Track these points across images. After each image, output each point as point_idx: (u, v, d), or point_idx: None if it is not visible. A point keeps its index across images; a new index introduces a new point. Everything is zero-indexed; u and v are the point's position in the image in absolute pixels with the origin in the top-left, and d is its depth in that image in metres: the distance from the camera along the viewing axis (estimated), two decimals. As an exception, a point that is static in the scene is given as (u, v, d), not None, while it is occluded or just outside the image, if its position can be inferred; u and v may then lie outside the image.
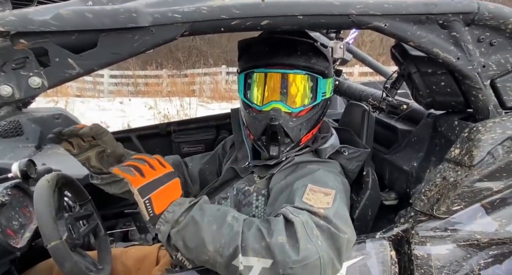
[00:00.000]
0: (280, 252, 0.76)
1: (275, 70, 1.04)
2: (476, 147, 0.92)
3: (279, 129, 1.03)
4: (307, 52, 1.04)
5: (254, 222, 0.83)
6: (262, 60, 1.05)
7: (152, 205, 0.83)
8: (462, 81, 0.99)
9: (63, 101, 7.29)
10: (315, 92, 1.07)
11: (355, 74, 9.50)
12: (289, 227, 0.80)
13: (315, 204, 0.86)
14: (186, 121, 2.36)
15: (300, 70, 1.04)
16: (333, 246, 0.80)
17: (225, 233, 0.79)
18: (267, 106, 1.05)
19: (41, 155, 1.73)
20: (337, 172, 1.06)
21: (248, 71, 1.08)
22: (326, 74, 1.07)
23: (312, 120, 1.09)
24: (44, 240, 0.94)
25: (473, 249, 0.92)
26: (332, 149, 1.11)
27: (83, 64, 0.76)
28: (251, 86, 1.08)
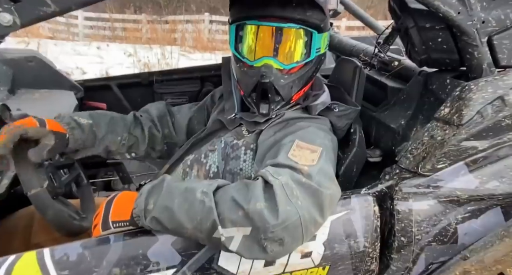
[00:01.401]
0: (259, 218, 0.75)
1: (268, 23, 0.98)
2: (466, 106, 0.92)
3: (269, 87, 0.99)
4: (303, 4, 0.97)
5: (228, 192, 0.81)
6: (255, 11, 0.98)
7: (120, 221, 0.85)
8: (459, 38, 0.96)
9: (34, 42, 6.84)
10: (309, 47, 1.02)
11: (342, 27, 9.26)
12: (267, 190, 0.79)
13: (300, 161, 0.85)
14: (169, 71, 2.27)
15: (294, 24, 0.98)
16: (315, 203, 0.80)
17: (198, 210, 0.78)
18: (258, 62, 1.00)
19: (15, 100, 1.64)
20: (326, 129, 1.05)
21: (239, 22, 1.02)
22: (321, 28, 1.02)
23: (304, 77, 1.05)
24: (24, 188, 0.91)
25: (452, 205, 0.96)
26: (323, 106, 1.09)
27: (59, 2, 0.68)
28: (243, 39, 1.03)
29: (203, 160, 1.11)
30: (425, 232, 0.96)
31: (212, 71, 2.15)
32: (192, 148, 1.19)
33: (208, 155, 1.11)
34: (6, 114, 1.17)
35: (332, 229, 0.93)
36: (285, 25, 0.97)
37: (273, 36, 0.99)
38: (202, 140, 1.19)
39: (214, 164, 1.09)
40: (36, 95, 1.71)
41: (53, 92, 1.76)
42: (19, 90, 1.72)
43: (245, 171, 1.06)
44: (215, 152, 1.10)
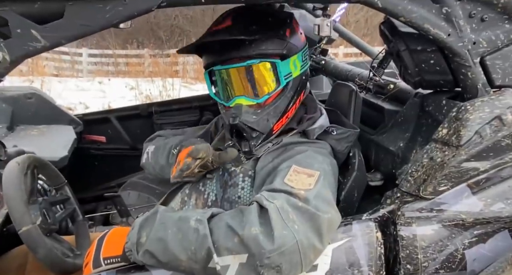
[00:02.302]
0: (255, 244, 0.73)
1: (229, 65, 1.01)
2: (464, 127, 0.91)
3: (241, 126, 1.00)
4: (257, 40, 0.99)
5: (223, 219, 0.79)
6: (217, 56, 1.03)
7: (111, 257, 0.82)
8: (451, 59, 0.96)
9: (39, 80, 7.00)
10: (276, 76, 1.02)
11: (340, 55, 9.45)
12: (263, 215, 0.77)
13: (296, 186, 0.83)
14: (168, 102, 2.30)
15: (253, 60, 0.99)
16: (313, 227, 0.77)
17: (192, 239, 0.76)
18: (232, 102, 1.03)
19: (13, 137, 1.65)
20: (326, 152, 1.04)
21: (209, 69, 1.06)
22: (284, 54, 1.02)
23: (281, 105, 1.05)
24: (15, 225, 0.90)
25: (458, 229, 0.92)
26: (320, 130, 1.08)
27: (49, 37, 0.69)
28: (217, 83, 1.07)
29: (201, 189, 1.10)
30: (432, 259, 0.91)
31: (211, 100, 2.16)
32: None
33: (206, 183, 1.10)
34: (1, 151, 1.17)
35: (334, 258, 0.89)
36: (244, 64, 0.99)
37: (237, 76, 1.01)
38: None
39: (212, 193, 1.07)
40: (35, 131, 1.72)
41: (51, 127, 1.78)
42: (17, 127, 1.74)
43: (244, 199, 1.03)
44: (213, 180, 1.09)
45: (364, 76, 1.59)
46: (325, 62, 2.04)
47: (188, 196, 1.11)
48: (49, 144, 1.60)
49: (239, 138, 1.05)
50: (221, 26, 1.03)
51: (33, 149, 1.39)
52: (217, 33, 1.02)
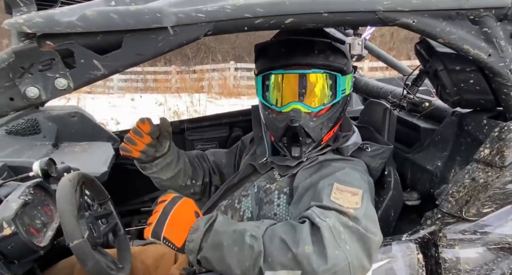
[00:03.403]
0: (308, 263, 0.74)
1: (292, 70, 1.03)
2: (508, 147, 0.89)
3: (299, 130, 1.02)
4: (324, 51, 1.03)
5: (276, 233, 0.81)
6: (279, 61, 1.04)
7: (170, 241, 0.85)
8: (492, 79, 0.96)
9: (75, 98, 7.34)
10: (334, 90, 1.05)
11: (365, 69, 9.39)
12: (315, 233, 0.78)
13: (344, 204, 0.85)
14: (199, 118, 2.36)
15: (318, 69, 1.03)
16: (363, 248, 0.79)
17: (248, 255, 0.79)
18: (286, 107, 1.04)
19: (59, 153, 1.74)
20: (362, 170, 1.05)
21: (265, 73, 1.07)
22: (344, 70, 1.06)
23: (333, 118, 1.08)
24: (67, 238, 0.94)
25: (504, 253, 0.90)
26: (354, 146, 1.09)
27: (108, 65, 0.75)
28: (269, 87, 1.08)
29: (237, 206, 1.12)
30: (477, 283, 0.89)
31: (240, 116, 2.21)
32: (225, 194, 1.21)
33: (242, 201, 1.12)
34: (52, 168, 1.24)
35: (374, 280, 0.89)
36: (309, 71, 1.02)
37: (299, 82, 1.03)
38: (235, 186, 1.20)
39: (248, 210, 1.09)
40: (77, 148, 1.81)
41: (92, 144, 1.86)
42: (61, 144, 1.83)
43: (279, 216, 1.05)
44: (249, 197, 1.11)
45: (397, 93, 1.59)
46: (355, 79, 2.05)
47: (224, 213, 1.13)
48: (91, 160, 1.68)
49: (290, 142, 1.06)
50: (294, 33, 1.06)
51: (77, 165, 1.46)
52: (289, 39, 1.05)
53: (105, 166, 1.66)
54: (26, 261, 1.03)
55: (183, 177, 1.26)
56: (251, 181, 1.15)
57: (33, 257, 1.02)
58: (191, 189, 1.30)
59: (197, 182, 1.30)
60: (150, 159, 1.18)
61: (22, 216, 1.02)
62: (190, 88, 9.18)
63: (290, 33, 1.06)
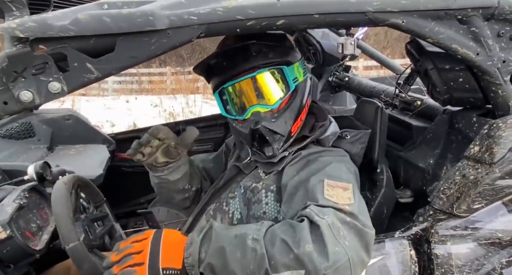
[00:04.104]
0: (310, 261, 0.75)
1: (240, 78, 1.05)
2: (496, 144, 0.91)
3: (263, 130, 1.04)
4: (261, 50, 1.05)
5: (276, 235, 0.81)
6: (226, 74, 1.07)
7: (170, 268, 0.82)
8: (481, 77, 0.97)
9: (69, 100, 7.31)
10: (285, 82, 1.07)
11: (360, 68, 9.43)
12: (314, 231, 0.79)
13: (338, 201, 0.86)
14: (194, 120, 2.37)
15: (262, 69, 1.05)
16: (361, 243, 0.80)
17: (251, 258, 0.79)
18: (247, 113, 1.06)
19: (53, 156, 1.74)
20: (347, 160, 1.07)
21: (219, 89, 1.10)
22: (289, 61, 1.08)
23: (294, 108, 1.09)
24: (63, 241, 0.94)
25: (494, 248, 0.91)
26: (334, 136, 1.11)
27: (101, 68, 0.75)
28: (228, 101, 1.11)
29: (225, 208, 1.12)
30: (469, 278, 0.91)
31: None
32: (212, 197, 1.21)
33: (230, 202, 1.12)
34: (47, 171, 1.24)
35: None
36: (255, 73, 1.05)
37: (250, 86, 1.06)
38: (221, 188, 1.21)
39: (237, 211, 1.10)
40: (72, 151, 1.81)
41: (87, 147, 1.86)
42: (56, 147, 1.83)
43: (269, 214, 1.06)
44: (236, 198, 1.11)
45: (389, 92, 1.61)
46: (349, 78, 2.07)
47: (213, 217, 1.14)
48: (86, 163, 1.68)
49: (261, 145, 1.08)
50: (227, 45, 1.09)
51: (72, 168, 1.46)
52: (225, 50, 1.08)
53: (101, 168, 1.66)
54: (22, 264, 1.03)
55: (185, 180, 1.27)
56: (237, 182, 1.16)
57: (28, 260, 1.03)
58: (186, 194, 1.30)
59: (192, 187, 1.30)
60: (163, 165, 1.18)
61: (17, 220, 1.02)
62: (185, 89, 9.17)
63: (226, 45, 1.09)
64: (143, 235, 0.87)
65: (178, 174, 1.22)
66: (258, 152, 1.11)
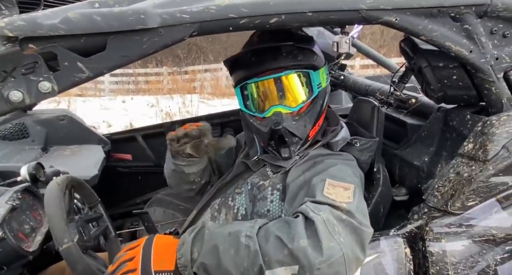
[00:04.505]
0: (304, 256, 0.75)
1: (266, 76, 1.06)
2: (490, 141, 0.91)
3: (284, 131, 1.04)
4: (292, 52, 1.05)
5: (271, 231, 0.81)
6: (252, 70, 1.07)
7: (163, 271, 0.82)
8: (474, 75, 0.97)
9: (65, 101, 7.27)
10: (310, 86, 1.08)
11: (356, 67, 9.45)
12: (309, 226, 0.79)
13: (337, 198, 0.86)
14: (190, 119, 2.36)
15: (289, 70, 1.06)
16: (356, 240, 0.80)
17: (244, 255, 0.78)
18: (268, 112, 1.07)
19: (48, 157, 1.73)
20: (354, 164, 1.07)
21: (242, 84, 1.11)
22: (316, 66, 1.09)
23: (314, 113, 1.10)
24: (56, 243, 0.93)
25: (489, 245, 0.92)
26: (344, 142, 1.12)
27: (93, 68, 0.75)
28: (249, 97, 1.11)
29: (231, 203, 1.13)
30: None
31: (232, 116, 2.22)
32: (218, 192, 1.22)
33: (236, 198, 1.13)
34: (40, 172, 1.24)
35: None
36: (282, 74, 1.05)
37: (275, 86, 1.07)
38: (228, 183, 1.21)
39: (242, 207, 1.10)
40: (67, 151, 1.80)
41: (82, 147, 1.85)
42: (51, 148, 1.82)
43: (273, 212, 1.06)
44: (242, 194, 1.12)
45: (384, 90, 1.61)
46: (344, 77, 2.07)
47: (218, 211, 1.14)
48: (81, 164, 1.67)
49: (278, 145, 1.09)
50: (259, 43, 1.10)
51: (66, 168, 1.45)
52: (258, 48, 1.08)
53: (96, 169, 1.65)
54: (15, 266, 1.02)
55: (198, 174, 1.28)
56: (244, 179, 1.17)
57: (22, 262, 1.02)
58: (194, 186, 1.31)
59: (202, 180, 1.31)
60: (187, 156, 1.19)
61: (10, 221, 1.01)
62: (182, 89, 9.16)
63: (257, 42, 1.10)
64: (136, 242, 0.88)
65: (194, 169, 1.23)
66: (274, 152, 1.12)
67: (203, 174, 1.31)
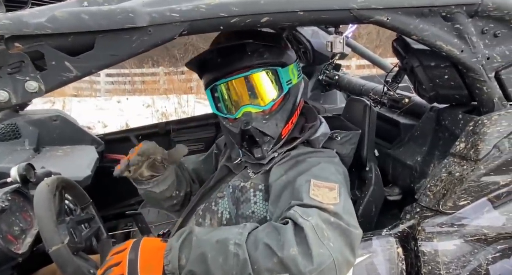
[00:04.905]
0: (294, 265, 0.75)
1: (233, 76, 1.04)
2: (481, 141, 0.91)
3: (254, 131, 1.03)
4: (257, 49, 1.04)
5: (260, 238, 0.80)
6: (219, 71, 1.06)
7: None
8: (466, 74, 0.97)
9: (60, 101, 7.24)
10: (279, 83, 1.06)
11: (352, 67, 9.47)
12: (298, 233, 0.78)
13: (323, 200, 0.85)
14: (185, 119, 2.35)
15: (256, 69, 1.04)
16: (346, 242, 0.80)
17: (233, 264, 0.78)
18: (238, 113, 1.05)
19: (40, 158, 1.71)
20: (337, 161, 1.06)
21: (211, 86, 1.09)
22: (284, 62, 1.07)
23: (286, 111, 1.08)
24: (46, 244, 0.92)
25: (480, 244, 0.92)
26: (325, 137, 1.10)
27: (80, 67, 0.74)
28: (219, 99, 1.10)
29: (214, 208, 1.12)
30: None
31: None
32: (202, 197, 1.21)
33: (219, 202, 1.11)
34: (31, 173, 1.22)
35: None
36: (249, 73, 1.04)
37: (242, 86, 1.05)
38: (211, 188, 1.20)
39: (225, 211, 1.09)
40: (60, 152, 1.78)
41: (75, 148, 1.84)
42: (43, 148, 1.80)
43: (257, 213, 1.05)
44: (225, 198, 1.11)
45: (378, 90, 1.61)
46: (339, 77, 2.07)
47: (203, 217, 1.13)
48: (74, 164, 1.66)
49: (250, 146, 1.07)
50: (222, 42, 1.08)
51: (59, 169, 1.43)
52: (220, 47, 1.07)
53: (89, 169, 1.64)
54: (4, 268, 1.01)
55: (172, 189, 1.25)
56: (226, 182, 1.15)
57: (11, 264, 1.01)
58: (174, 200, 1.29)
59: (180, 192, 1.29)
60: (148, 178, 1.17)
61: (-2, 223, 1.00)
62: (178, 89, 9.13)
63: (223, 42, 1.08)
64: (122, 246, 0.87)
65: (164, 186, 1.21)
66: (247, 153, 1.10)
67: (179, 186, 1.29)
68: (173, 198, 1.28)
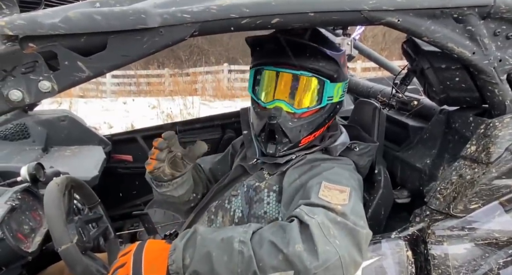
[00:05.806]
0: (300, 261, 0.74)
1: (282, 69, 1.04)
2: (493, 144, 0.90)
3: (277, 128, 1.03)
4: (316, 55, 1.04)
5: (265, 237, 0.80)
6: (272, 58, 1.06)
7: None
8: (477, 76, 0.97)
9: (67, 102, 7.29)
10: (320, 95, 1.06)
11: (358, 69, 9.44)
12: (304, 230, 0.78)
13: (332, 201, 0.85)
14: (191, 121, 2.36)
15: (307, 72, 1.04)
16: (353, 242, 0.79)
17: (238, 261, 0.77)
18: (270, 104, 1.06)
19: (48, 158, 1.73)
20: (351, 168, 1.06)
21: (258, 67, 1.09)
22: (334, 78, 1.06)
23: (315, 123, 1.08)
24: (55, 243, 0.93)
25: (491, 248, 0.91)
26: (343, 146, 1.11)
27: (93, 67, 0.74)
28: (259, 82, 1.10)
29: (227, 206, 1.12)
30: (466, 279, 0.90)
31: (232, 118, 2.21)
32: (215, 195, 1.21)
33: (232, 201, 1.12)
34: (40, 172, 1.23)
35: (364, 278, 0.89)
36: (298, 72, 1.03)
37: (286, 81, 1.05)
38: (225, 187, 1.20)
39: (238, 209, 1.10)
40: (68, 152, 1.80)
41: (83, 148, 1.85)
42: (52, 148, 1.82)
43: (270, 214, 1.05)
44: (238, 196, 1.11)
45: (386, 92, 1.60)
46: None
47: (215, 214, 1.13)
48: (82, 164, 1.67)
49: (267, 139, 1.08)
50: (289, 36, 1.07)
51: (67, 169, 1.45)
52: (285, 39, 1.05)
53: (96, 170, 1.65)
54: (14, 267, 1.02)
55: (189, 193, 1.25)
56: (241, 182, 1.16)
57: (21, 262, 1.01)
58: (192, 203, 1.29)
59: (198, 195, 1.29)
60: (169, 178, 1.14)
61: (9, 222, 1.01)
62: (183, 91, 9.16)
63: (287, 33, 1.07)
64: (128, 248, 0.87)
65: (182, 190, 1.19)
66: (260, 144, 1.11)
67: (197, 188, 1.29)
68: (190, 201, 1.28)
